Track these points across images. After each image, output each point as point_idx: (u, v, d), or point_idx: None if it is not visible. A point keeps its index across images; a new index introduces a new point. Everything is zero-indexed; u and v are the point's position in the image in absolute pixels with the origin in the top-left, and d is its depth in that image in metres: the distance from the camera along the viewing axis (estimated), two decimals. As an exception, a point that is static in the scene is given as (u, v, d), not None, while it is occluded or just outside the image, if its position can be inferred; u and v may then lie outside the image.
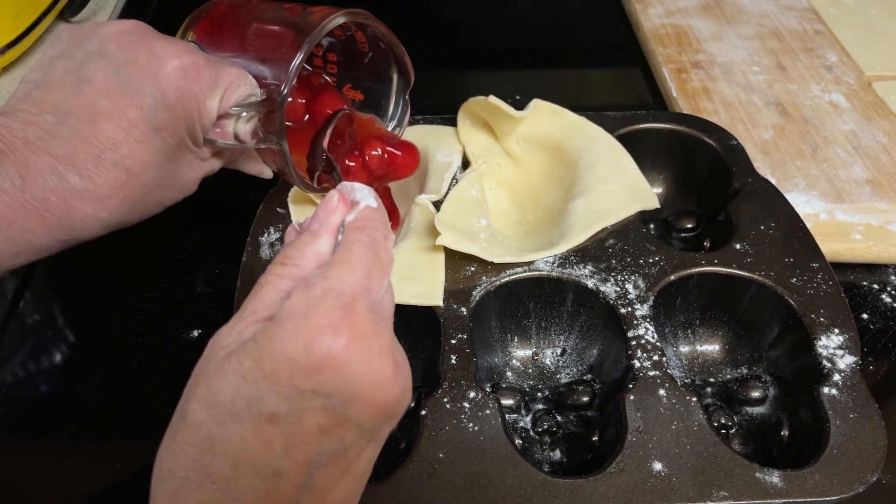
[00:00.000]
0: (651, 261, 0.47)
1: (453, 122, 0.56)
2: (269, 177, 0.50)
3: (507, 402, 0.45)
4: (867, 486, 0.37)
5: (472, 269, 0.46)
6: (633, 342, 0.43)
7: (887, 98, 0.67)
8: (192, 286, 0.54)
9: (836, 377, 0.41)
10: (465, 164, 0.54)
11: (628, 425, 0.39)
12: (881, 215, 0.55)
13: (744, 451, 0.44)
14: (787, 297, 0.45)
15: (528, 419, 0.46)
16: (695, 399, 0.41)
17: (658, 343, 0.43)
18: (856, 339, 0.43)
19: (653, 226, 0.56)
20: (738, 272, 0.46)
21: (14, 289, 0.54)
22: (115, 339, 0.51)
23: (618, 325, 0.44)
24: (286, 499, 0.27)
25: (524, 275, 0.46)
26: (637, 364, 0.42)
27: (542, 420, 0.45)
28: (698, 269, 0.47)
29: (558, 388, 0.47)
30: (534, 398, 0.47)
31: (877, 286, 0.54)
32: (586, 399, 0.45)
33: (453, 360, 0.42)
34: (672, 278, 0.46)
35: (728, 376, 0.48)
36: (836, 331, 0.43)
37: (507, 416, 0.44)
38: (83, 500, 0.42)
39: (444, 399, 0.40)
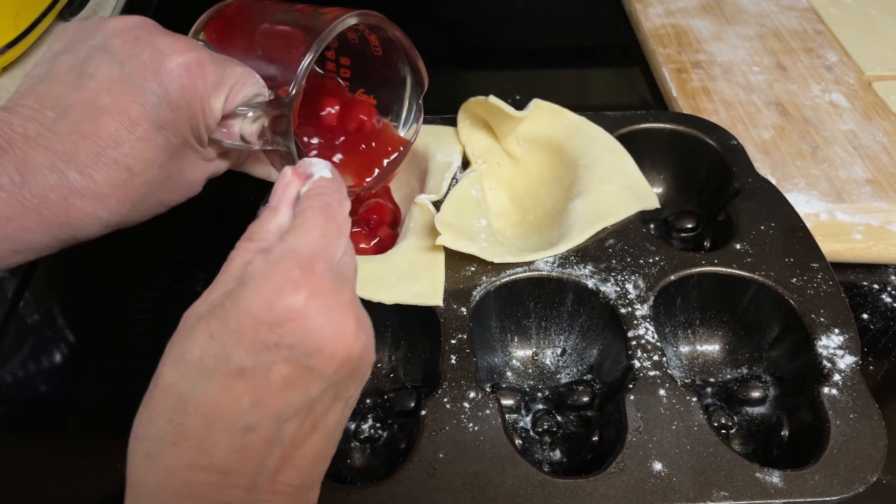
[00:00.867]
0: (651, 261, 0.47)
1: (453, 122, 0.56)
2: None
3: (507, 402, 0.45)
4: (867, 486, 0.37)
5: (472, 269, 0.46)
6: (633, 342, 0.43)
7: (887, 98, 0.67)
8: (192, 286, 0.54)
9: (836, 377, 0.41)
10: (465, 164, 0.54)
11: (628, 425, 0.39)
12: (881, 215, 0.55)
13: (744, 451, 0.44)
14: (787, 297, 0.45)
15: (528, 419, 0.46)
16: (695, 399, 0.40)
17: (658, 343, 0.43)
18: (856, 339, 0.43)
19: (653, 226, 0.56)
20: (738, 272, 0.46)
21: (14, 289, 0.54)
22: (115, 339, 0.51)
23: (618, 325, 0.44)
24: (257, 453, 0.27)
25: (524, 275, 0.46)
26: (637, 364, 0.42)
27: (542, 420, 0.45)
28: (698, 269, 0.47)
29: (558, 388, 0.47)
30: (534, 398, 0.47)
31: (877, 286, 0.54)
32: (586, 399, 0.45)
33: (453, 360, 0.42)
34: (672, 278, 0.46)
35: (728, 376, 0.48)
36: (836, 331, 0.43)
37: (507, 416, 0.44)
38: (83, 500, 0.42)
39: (444, 399, 0.40)
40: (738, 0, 0.80)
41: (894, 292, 0.53)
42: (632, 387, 0.41)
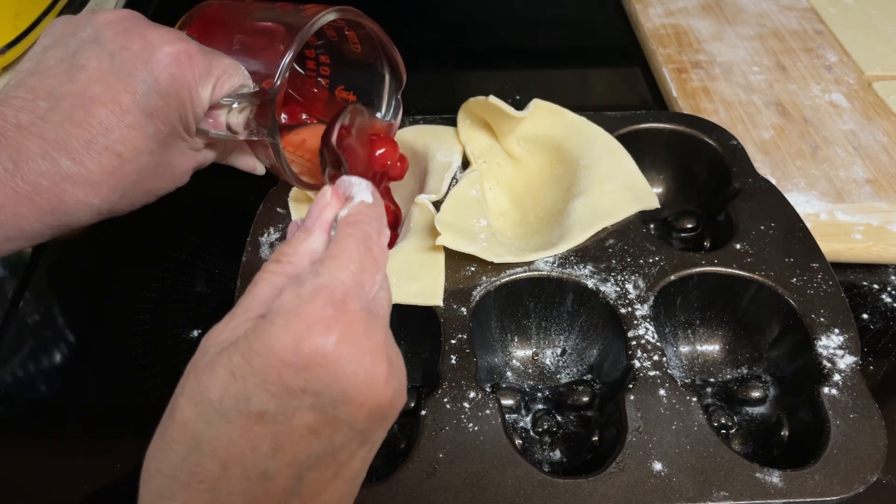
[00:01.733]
0: (651, 261, 0.47)
1: (453, 122, 0.56)
2: (261, 173, 0.49)
3: (507, 402, 0.45)
4: (867, 486, 0.37)
5: (472, 269, 0.46)
6: (633, 342, 0.43)
7: (887, 98, 0.67)
8: (192, 286, 0.54)
9: (836, 377, 0.41)
10: (465, 164, 0.54)
11: (628, 425, 0.39)
12: (881, 215, 0.55)
13: (744, 451, 0.44)
14: (787, 297, 0.45)
15: (528, 419, 0.46)
16: (695, 399, 0.40)
17: (658, 343, 0.43)
18: (856, 339, 0.43)
19: (653, 226, 0.56)
20: (738, 272, 0.46)
21: (14, 289, 0.54)
22: (115, 339, 0.51)
23: (618, 325, 0.44)
24: (274, 502, 0.26)
25: (524, 275, 0.46)
26: (637, 364, 0.42)
27: (542, 420, 0.45)
28: (698, 269, 0.47)
29: (558, 388, 0.47)
30: (534, 398, 0.47)
31: (877, 286, 0.54)
32: (586, 399, 0.45)
33: (453, 360, 0.42)
34: (672, 278, 0.46)
35: (728, 376, 0.48)
36: (836, 331, 0.43)
37: (507, 416, 0.44)
38: (83, 500, 0.42)
39: (444, 399, 0.40)
40: (738, 0, 0.80)
41: (894, 292, 0.53)
42: (632, 387, 0.41)
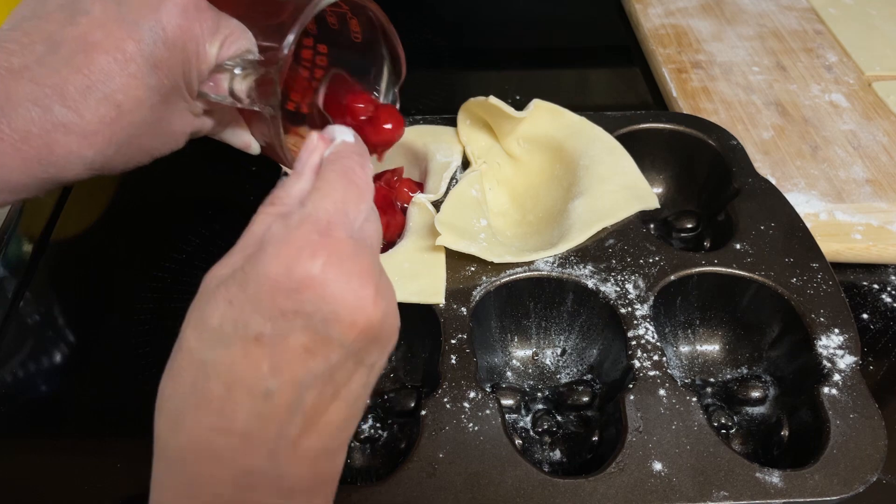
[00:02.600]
0: (651, 261, 0.47)
1: (453, 122, 0.56)
2: (255, 151, 0.48)
3: (507, 402, 0.45)
4: (867, 486, 0.37)
5: (472, 269, 0.46)
6: (633, 342, 0.43)
7: (887, 98, 0.67)
8: (192, 286, 0.53)
9: (836, 377, 0.41)
10: (465, 164, 0.54)
11: (628, 425, 0.39)
12: (881, 215, 0.55)
13: (744, 451, 0.44)
14: (787, 297, 0.45)
15: (528, 419, 0.46)
16: (695, 399, 0.40)
17: (658, 343, 0.43)
18: (856, 339, 0.43)
19: (653, 226, 0.56)
20: (738, 272, 0.46)
21: (14, 289, 0.54)
22: (115, 339, 0.51)
23: (618, 325, 0.44)
24: (278, 419, 0.28)
25: (524, 275, 0.46)
26: (637, 364, 0.42)
27: (542, 420, 0.45)
28: (698, 269, 0.47)
29: (558, 388, 0.47)
30: (534, 398, 0.47)
31: (877, 286, 0.54)
32: (586, 399, 0.45)
33: (453, 360, 0.42)
34: (672, 278, 0.46)
35: (728, 376, 0.48)
36: (836, 331, 0.43)
37: (507, 416, 0.44)
38: (83, 500, 0.42)
39: (444, 399, 0.40)
40: (737, 0, 0.80)
41: (894, 292, 0.53)
42: (632, 387, 0.41)
